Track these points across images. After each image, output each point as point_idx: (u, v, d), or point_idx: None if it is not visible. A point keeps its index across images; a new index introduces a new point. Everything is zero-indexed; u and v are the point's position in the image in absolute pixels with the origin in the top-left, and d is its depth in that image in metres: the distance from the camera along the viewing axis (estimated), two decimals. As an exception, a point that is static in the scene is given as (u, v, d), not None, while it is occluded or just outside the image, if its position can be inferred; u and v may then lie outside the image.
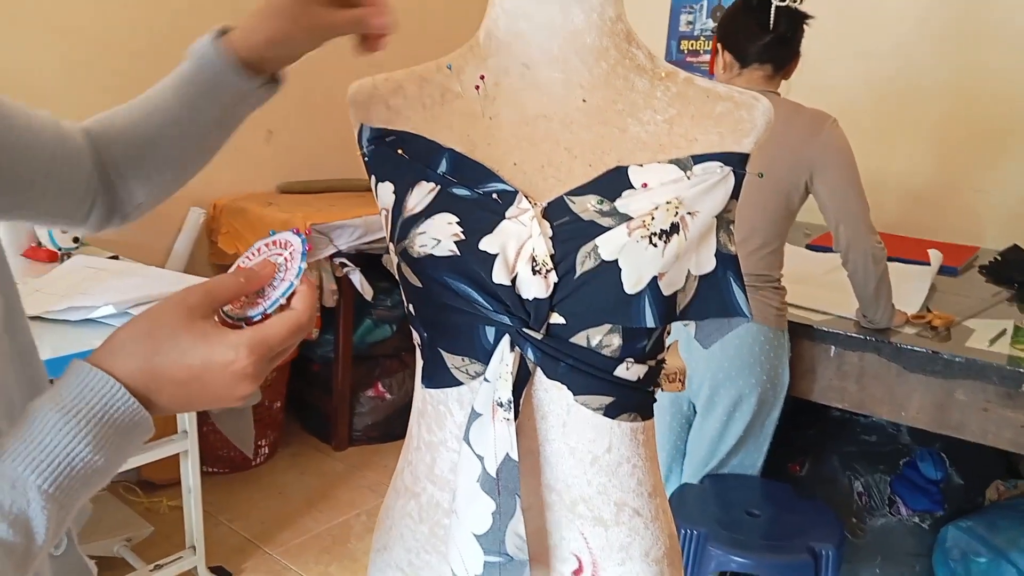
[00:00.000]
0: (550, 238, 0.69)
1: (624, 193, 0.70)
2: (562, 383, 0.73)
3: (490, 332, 0.72)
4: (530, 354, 0.71)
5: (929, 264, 2.37)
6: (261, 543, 2.44)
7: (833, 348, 1.93)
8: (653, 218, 0.68)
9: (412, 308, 0.78)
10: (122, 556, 2.14)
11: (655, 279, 0.69)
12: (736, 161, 0.71)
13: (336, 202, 2.88)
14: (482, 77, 0.77)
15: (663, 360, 0.78)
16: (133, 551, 2.15)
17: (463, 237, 0.71)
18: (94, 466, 0.53)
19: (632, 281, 0.68)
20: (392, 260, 0.78)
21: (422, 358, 0.79)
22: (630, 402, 0.75)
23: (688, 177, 0.70)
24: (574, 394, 0.73)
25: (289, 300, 0.61)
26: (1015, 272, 2.36)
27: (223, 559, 2.33)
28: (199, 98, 0.77)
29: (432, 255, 0.71)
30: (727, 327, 0.79)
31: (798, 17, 1.79)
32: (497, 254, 0.69)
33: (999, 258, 2.50)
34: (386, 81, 0.81)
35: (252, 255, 0.65)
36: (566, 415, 0.74)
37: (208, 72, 0.75)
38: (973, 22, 2.79)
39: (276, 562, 2.37)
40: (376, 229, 2.71)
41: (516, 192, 0.71)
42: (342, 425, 2.99)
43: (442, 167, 0.74)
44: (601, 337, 0.71)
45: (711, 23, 3.35)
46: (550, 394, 0.74)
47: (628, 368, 0.73)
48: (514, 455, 0.70)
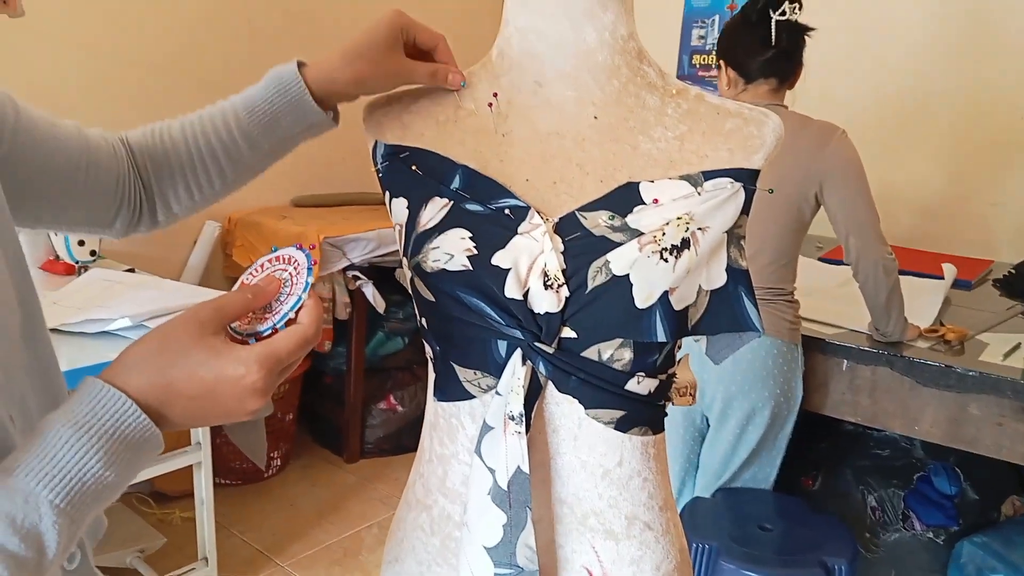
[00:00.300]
0: (562, 253, 0.70)
1: (635, 209, 0.71)
2: (573, 397, 0.73)
3: (502, 346, 0.73)
4: (542, 368, 0.72)
5: (943, 278, 2.35)
6: (273, 555, 2.45)
7: (846, 362, 1.92)
8: (664, 233, 0.69)
9: (425, 322, 0.79)
10: (135, 567, 2.14)
11: (666, 294, 0.69)
12: (746, 177, 0.72)
13: (350, 215, 2.90)
14: (495, 94, 0.78)
15: (674, 374, 0.78)
16: (146, 562, 2.16)
17: (476, 252, 0.71)
18: (105, 481, 0.54)
19: (643, 296, 0.69)
20: (405, 274, 0.79)
21: (434, 371, 0.80)
22: (641, 416, 0.75)
23: (699, 193, 0.71)
24: (585, 408, 0.73)
25: (297, 314, 0.62)
26: (1030, 286, 2.34)
27: (235, 571, 2.34)
28: (270, 121, 0.81)
29: (445, 270, 0.72)
30: (738, 342, 0.79)
31: (799, 30, 1.78)
32: (509, 269, 0.70)
33: (1013, 272, 2.47)
34: (400, 98, 0.83)
35: (255, 271, 0.66)
36: (577, 428, 0.75)
37: (287, 98, 0.80)
38: (984, 34, 2.78)
39: (288, 574, 2.37)
40: (389, 242, 2.73)
41: (528, 208, 0.72)
42: (354, 437, 2.99)
43: (455, 183, 0.75)
44: (612, 351, 0.71)
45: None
46: (561, 408, 0.74)
47: (639, 382, 0.73)
48: (525, 468, 0.71)
